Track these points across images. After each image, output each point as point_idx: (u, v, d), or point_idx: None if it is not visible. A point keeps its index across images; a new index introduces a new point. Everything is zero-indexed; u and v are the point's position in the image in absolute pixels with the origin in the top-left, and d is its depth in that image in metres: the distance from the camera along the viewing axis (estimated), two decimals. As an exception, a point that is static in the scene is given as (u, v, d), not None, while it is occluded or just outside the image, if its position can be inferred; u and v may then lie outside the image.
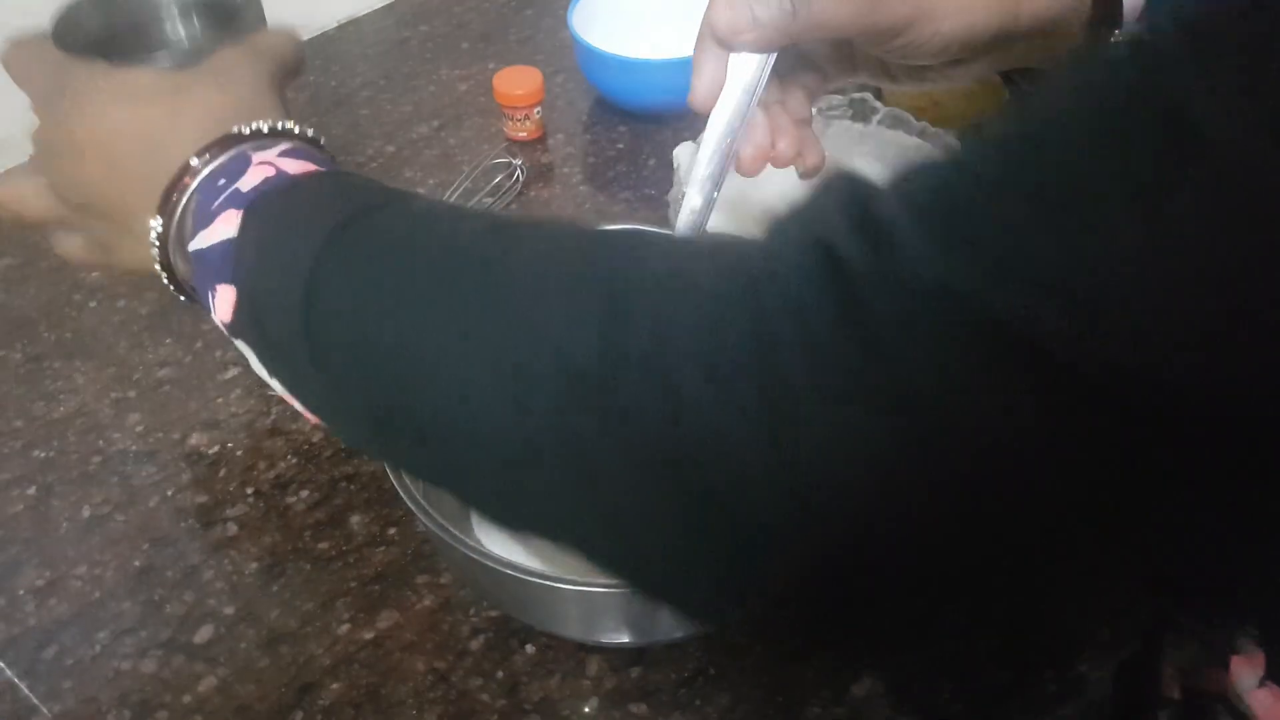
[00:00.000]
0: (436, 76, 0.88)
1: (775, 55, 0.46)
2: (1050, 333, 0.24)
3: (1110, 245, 0.23)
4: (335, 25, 0.94)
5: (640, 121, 0.82)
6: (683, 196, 0.63)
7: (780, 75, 0.48)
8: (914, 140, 0.68)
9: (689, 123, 0.81)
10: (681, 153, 0.66)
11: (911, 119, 0.68)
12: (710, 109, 0.47)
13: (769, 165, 0.49)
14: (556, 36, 0.92)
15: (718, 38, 0.45)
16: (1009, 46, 0.47)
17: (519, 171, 0.77)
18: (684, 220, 0.49)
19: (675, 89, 0.80)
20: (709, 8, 0.45)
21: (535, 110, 0.80)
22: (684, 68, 0.77)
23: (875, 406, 0.25)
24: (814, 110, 0.69)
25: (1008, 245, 0.24)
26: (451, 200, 0.74)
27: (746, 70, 0.45)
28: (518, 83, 0.79)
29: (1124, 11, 0.48)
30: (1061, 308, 0.24)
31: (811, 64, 0.50)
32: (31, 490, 0.61)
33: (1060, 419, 0.24)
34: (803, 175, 0.50)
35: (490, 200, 0.75)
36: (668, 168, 0.78)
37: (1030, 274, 0.24)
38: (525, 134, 0.81)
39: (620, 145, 0.81)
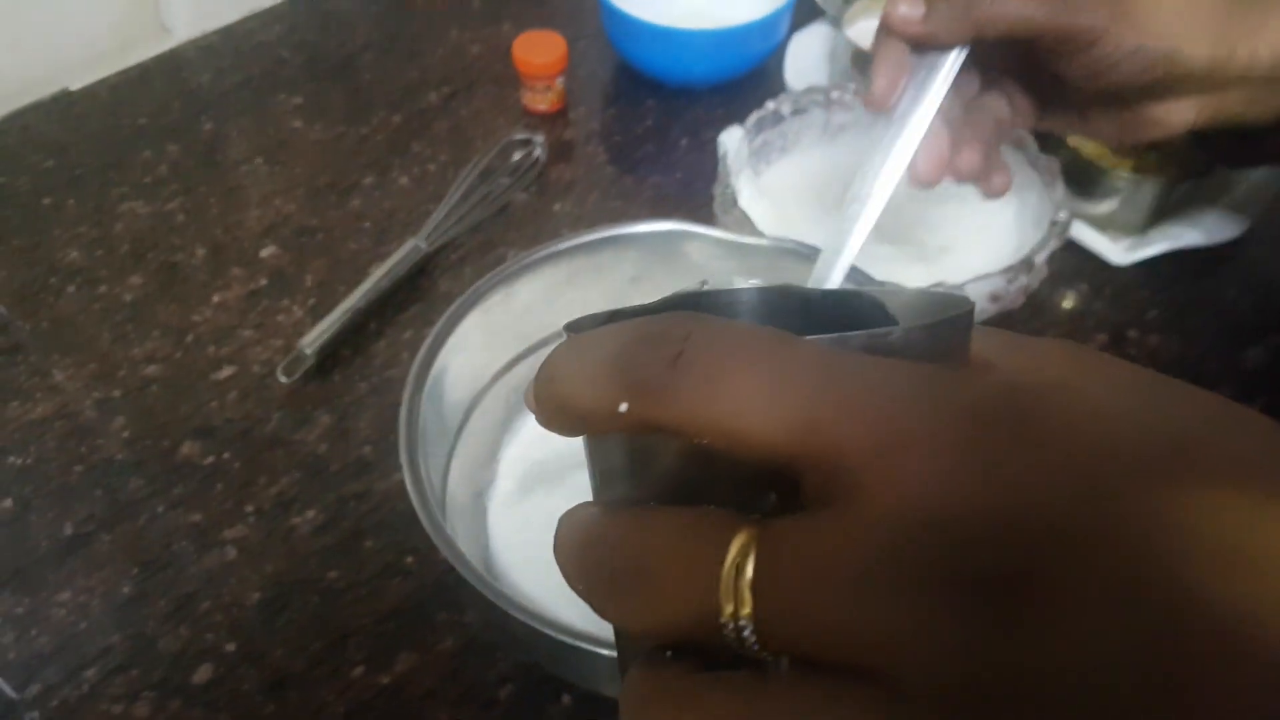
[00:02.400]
0: (446, 39, 0.81)
1: (961, 57, 0.42)
2: None
3: None
4: (334, -22, 0.86)
5: (669, 96, 0.76)
6: (733, 191, 0.58)
7: (966, 99, 0.45)
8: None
9: (723, 99, 0.75)
10: (728, 139, 0.60)
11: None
12: (886, 108, 0.43)
13: (946, 179, 0.45)
14: (576, -3, 0.85)
15: (892, 28, 0.42)
16: (1223, 89, 0.42)
17: (539, 150, 0.70)
18: (848, 236, 0.43)
19: (710, 62, 0.74)
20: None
21: (558, 80, 0.73)
22: (721, 39, 0.72)
23: None
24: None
25: None
26: (467, 180, 0.68)
27: (929, 71, 0.42)
28: (539, 49, 0.72)
29: None
30: None
31: (999, 91, 0.46)
32: (8, 503, 0.55)
33: None
34: (988, 195, 0.46)
35: (508, 181, 0.69)
36: (701, 150, 0.72)
37: None
38: (546, 106, 0.74)
39: (648, 122, 0.75)
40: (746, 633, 0.18)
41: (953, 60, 0.42)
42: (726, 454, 0.19)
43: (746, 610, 0.18)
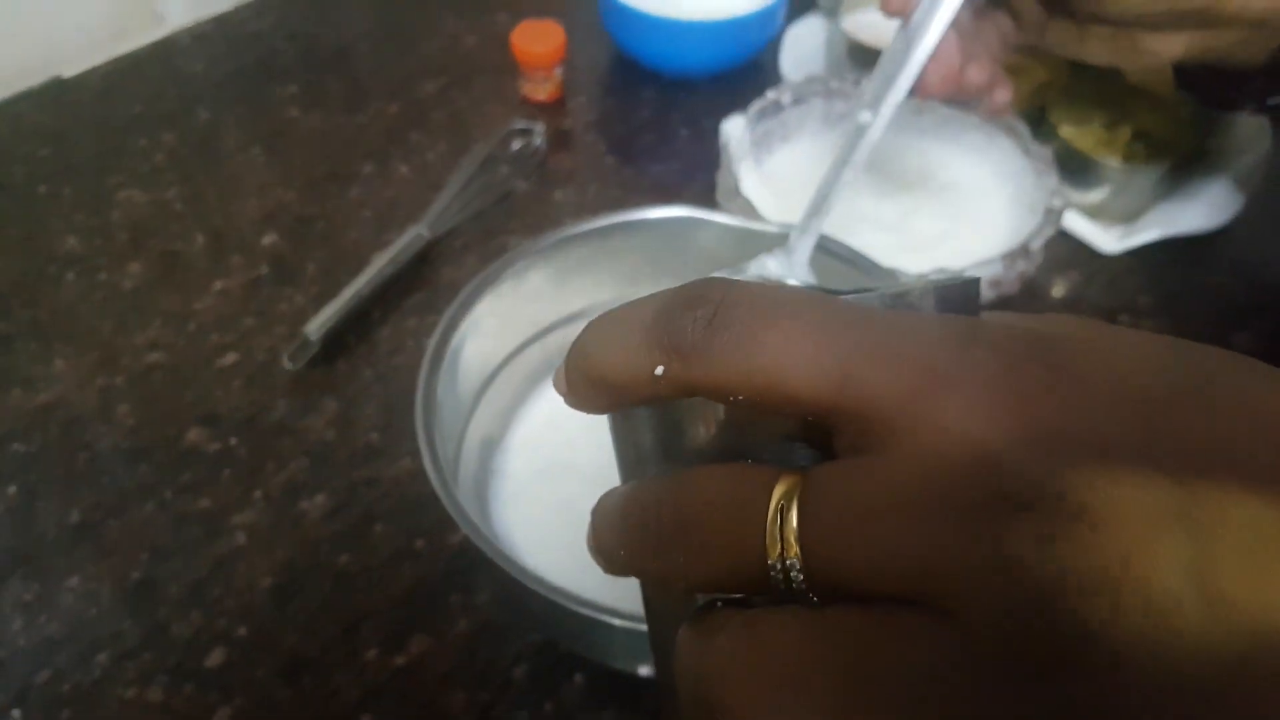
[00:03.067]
0: (442, 28, 0.81)
1: None
2: None
3: None
4: (327, -33, 0.86)
5: (668, 86, 0.77)
6: (736, 179, 0.58)
7: (975, 8, 0.46)
8: (975, 119, 0.64)
9: (722, 88, 0.75)
10: (730, 128, 0.60)
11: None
12: (904, 14, 0.43)
13: (955, 90, 0.46)
14: (571, -13, 0.85)
15: None
16: (1215, 28, 0.42)
17: (540, 139, 0.71)
18: (848, 137, 0.45)
19: (708, 53, 0.75)
20: None
21: (556, 70, 0.73)
22: (718, 30, 0.73)
23: None
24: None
25: None
26: (469, 168, 0.68)
27: None
28: (538, 39, 0.72)
29: None
30: None
31: (1005, 4, 0.47)
32: (12, 490, 0.55)
33: None
34: (990, 111, 0.47)
35: (508, 170, 0.69)
36: (701, 139, 0.73)
37: None
38: (544, 96, 0.74)
39: (648, 112, 0.75)
40: (795, 573, 0.18)
41: None
42: (761, 413, 0.20)
43: (794, 552, 0.18)
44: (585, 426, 0.52)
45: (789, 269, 0.47)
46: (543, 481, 0.53)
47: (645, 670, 0.46)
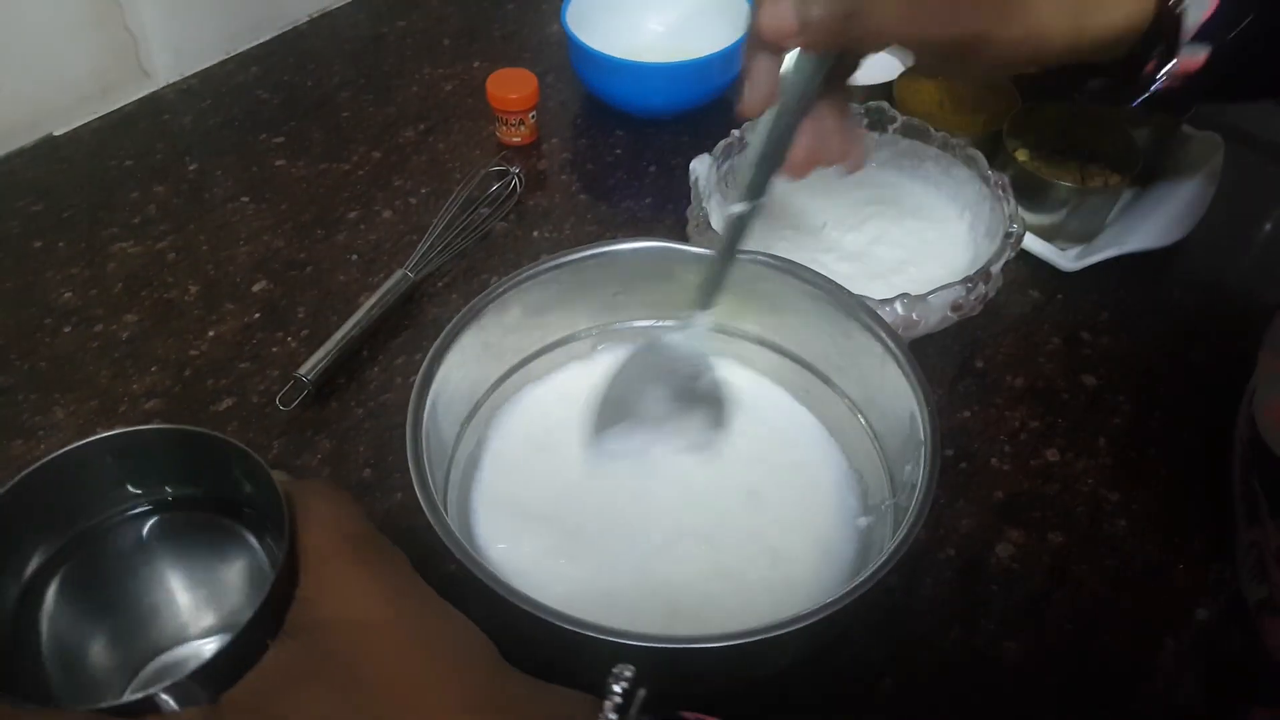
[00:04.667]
0: (419, 76, 0.84)
1: (830, 62, 0.43)
2: None
3: None
4: (307, 19, 0.89)
5: (637, 125, 0.80)
6: (705, 214, 0.61)
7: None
8: (933, 150, 0.66)
9: (689, 126, 0.78)
10: (699, 166, 0.63)
11: (930, 129, 0.66)
12: (761, 116, 0.45)
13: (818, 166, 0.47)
14: (543, 32, 0.88)
15: (764, 39, 0.42)
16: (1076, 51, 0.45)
17: (516, 181, 0.73)
18: (727, 227, 0.47)
19: (675, 93, 0.78)
20: (756, 11, 0.42)
21: (530, 115, 0.76)
22: (682, 71, 0.76)
23: None
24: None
25: None
26: (450, 210, 0.70)
27: (799, 76, 0.43)
28: (512, 86, 0.75)
29: (1181, 30, 0.47)
30: None
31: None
32: (16, 538, 0.57)
33: None
34: (849, 170, 0.49)
35: (488, 211, 0.72)
36: (670, 175, 0.76)
37: None
38: (519, 139, 0.77)
39: (618, 151, 0.78)
40: None
41: (825, 66, 0.43)
42: None
43: None
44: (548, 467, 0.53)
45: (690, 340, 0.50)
46: (518, 503, 0.54)
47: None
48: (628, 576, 0.49)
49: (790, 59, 0.43)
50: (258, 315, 0.67)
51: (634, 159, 0.78)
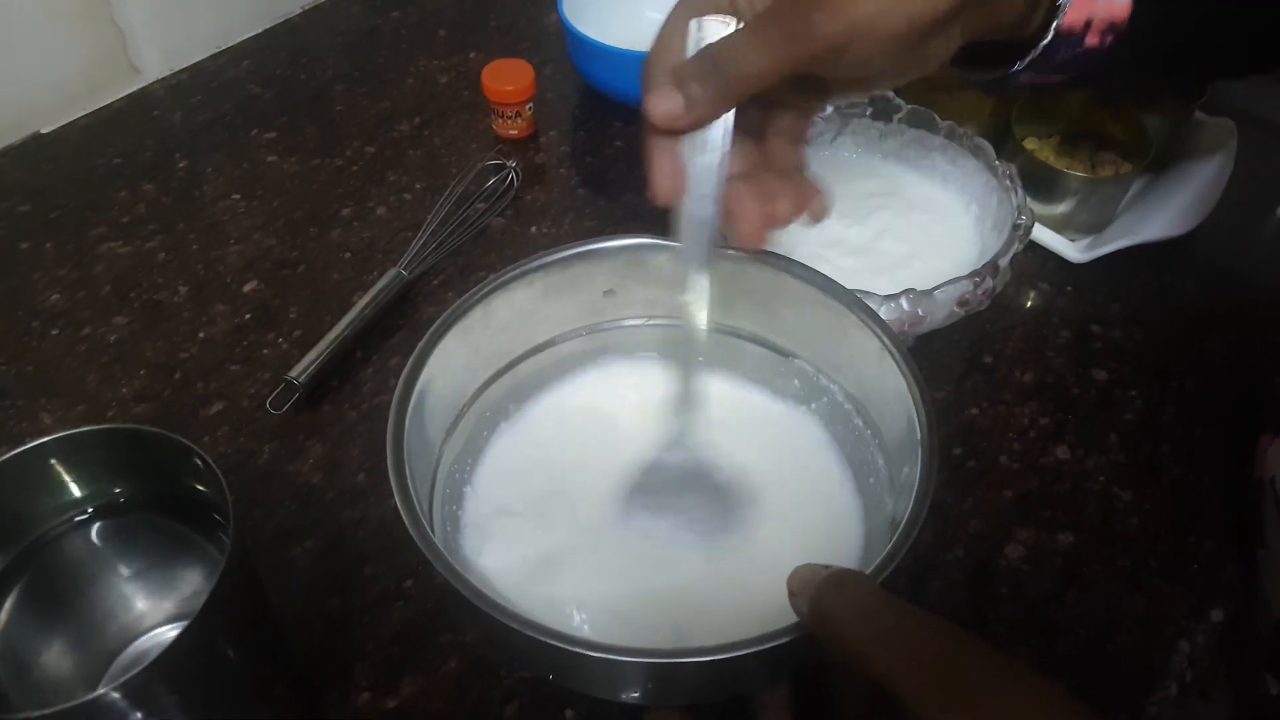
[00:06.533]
0: (414, 69, 0.83)
1: (730, 121, 0.43)
2: None
3: None
4: (300, 11, 0.88)
5: (637, 117, 0.77)
6: (688, 213, 0.59)
7: (754, 136, 0.45)
8: (939, 140, 0.65)
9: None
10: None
11: (936, 118, 0.64)
12: (678, 199, 0.44)
13: (773, 229, 0.46)
14: (539, 23, 0.87)
15: (659, 130, 0.42)
16: (951, 29, 0.43)
17: (513, 175, 0.72)
18: (688, 309, 0.46)
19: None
20: (643, 103, 0.42)
21: (527, 107, 0.75)
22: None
23: None
24: (823, 116, 0.66)
25: None
26: (445, 206, 0.69)
27: (706, 146, 0.43)
28: (508, 78, 0.73)
29: None
30: None
31: (778, 107, 0.46)
32: (4, 548, 0.55)
33: None
34: (813, 221, 0.47)
35: (484, 206, 0.70)
36: (671, 168, 0.74)
37: None
38: (516, 131, 0.76)
39: (618, 142, 0.76)
40: None
41: (724, 130, 0.42)
42: None
43: None
44: (552, 457, 0.52)
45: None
46: (511, 513, 0.53)
47: (627, 696, 0.46)
48: (625, 589, 0.48)
49: (688, 139, 0.43)
50: (249, 316, 0.66)
51: (634, 151, 0.76)
